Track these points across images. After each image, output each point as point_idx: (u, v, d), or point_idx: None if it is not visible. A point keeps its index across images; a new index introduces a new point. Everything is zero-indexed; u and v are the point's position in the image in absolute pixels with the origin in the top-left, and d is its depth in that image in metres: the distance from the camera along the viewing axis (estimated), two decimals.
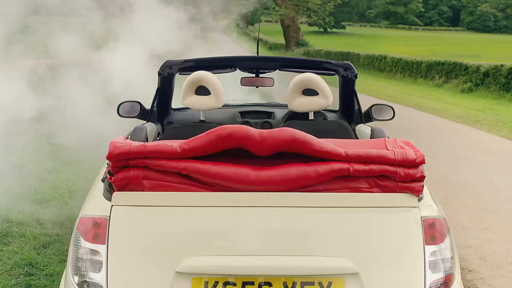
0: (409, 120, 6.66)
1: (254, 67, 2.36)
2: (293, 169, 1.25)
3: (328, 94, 1.91)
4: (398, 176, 1.26)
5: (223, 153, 1.27)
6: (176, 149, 1.24)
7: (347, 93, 2.38)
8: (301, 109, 1.96)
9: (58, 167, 3.73)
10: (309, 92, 1.91)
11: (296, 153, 1.27)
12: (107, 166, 1.29)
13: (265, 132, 1.27)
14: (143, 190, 1.24)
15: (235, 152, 1.28)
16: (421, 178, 1.28)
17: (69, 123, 4.26)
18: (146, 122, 2.22)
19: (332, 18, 28.81)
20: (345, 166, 1.25)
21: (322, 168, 1.25)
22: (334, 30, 38.83)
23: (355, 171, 1.26)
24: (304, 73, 1.93)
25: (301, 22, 27.61)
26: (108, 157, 1.23)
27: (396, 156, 1.27)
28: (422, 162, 1.27)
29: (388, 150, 1.29)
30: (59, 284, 1.52)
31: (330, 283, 1.20)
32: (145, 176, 1.24)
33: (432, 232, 1.27)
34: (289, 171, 1.24)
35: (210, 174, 1.23)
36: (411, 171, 1.26)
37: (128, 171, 1.24)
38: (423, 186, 1.29)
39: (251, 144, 1.25)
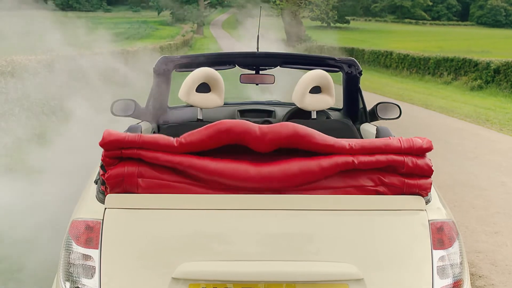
0: (416, 119, 6.55)
1: (254, 63, 2.31)
2: (295, 164, 1.19)
3: (333, 92, 1.88)
4: (406, 166, 1.20)
5: (221, 150, 1.22)
6: (173, 143, 1.20)
7: (351, 91, 2.32)
8: (312, 107, 1.90)
9: None
10: (319, 90, 1.86)
11: (298, 148, 1.22)
12: (100, 165, 1.24)
13: (265, 127, 1.23)
14: (137, 190, 1.20)
15: (234, 149, 1.22)
16: (429, 172, 1.22)
17: None
18: (141, 121, 2.16)
19: (336, 12, 28.30)
20: (349, 159, 1.20)
21: (326, 162, 1.19)
22: (338, 25, 38.22)
23: (360, 163, 1.20)
24: (315, 70, 1.88)
25: (303, 17, 27.17)
26: (101, 143, 1.19)
27: (402, 144, 1.21)
28: (430, 148, 1.22)
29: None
30: None
31: None
32: (140, 174, 1.19)
33: (440, 236, 1.22)
34: (290, 166, 1.19)
35: (208, 170, 1.19)
36: (419, 162, 1.21)
37: (122, 166, 1.19)
38: (431, 184, 1.23)
39: (251, 139, 1.20)
